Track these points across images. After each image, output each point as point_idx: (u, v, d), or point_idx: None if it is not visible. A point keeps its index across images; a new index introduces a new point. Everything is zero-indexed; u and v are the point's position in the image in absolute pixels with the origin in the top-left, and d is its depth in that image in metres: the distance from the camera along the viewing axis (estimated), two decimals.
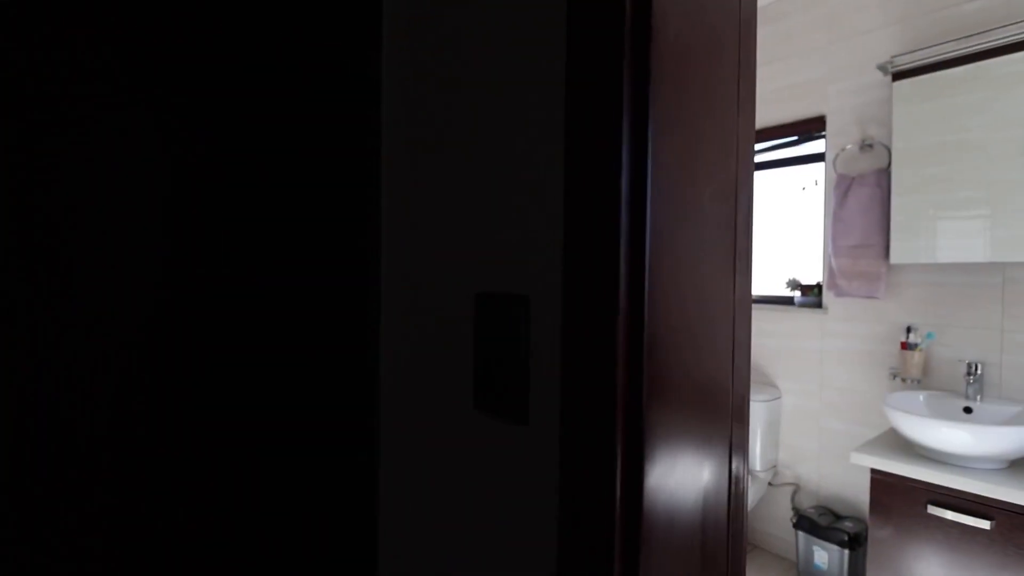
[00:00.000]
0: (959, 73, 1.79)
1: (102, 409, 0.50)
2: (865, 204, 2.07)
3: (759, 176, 2.74)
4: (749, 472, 2.32)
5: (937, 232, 1.86)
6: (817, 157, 2.38)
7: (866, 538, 1.85)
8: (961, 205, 1.81)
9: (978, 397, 1.81)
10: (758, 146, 2.66)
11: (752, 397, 2.38)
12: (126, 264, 0.52)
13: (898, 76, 1.94)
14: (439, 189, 0.59)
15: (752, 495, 2.31)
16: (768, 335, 2.51)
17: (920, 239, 1.90)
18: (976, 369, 1.81)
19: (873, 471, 1.76)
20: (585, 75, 0.42)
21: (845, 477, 2.26)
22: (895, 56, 1.93)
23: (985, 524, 1.52)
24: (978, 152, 1.77)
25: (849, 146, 2.18)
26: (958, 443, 1.58)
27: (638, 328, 0.40)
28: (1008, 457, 1.57)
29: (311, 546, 0.62)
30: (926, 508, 1.64)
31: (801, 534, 2.19)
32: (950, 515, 1.58)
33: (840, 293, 2.17)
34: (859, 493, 2.20)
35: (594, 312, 0.41)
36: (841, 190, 2.15)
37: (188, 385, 0.54)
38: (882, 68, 1.96)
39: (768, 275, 2.71)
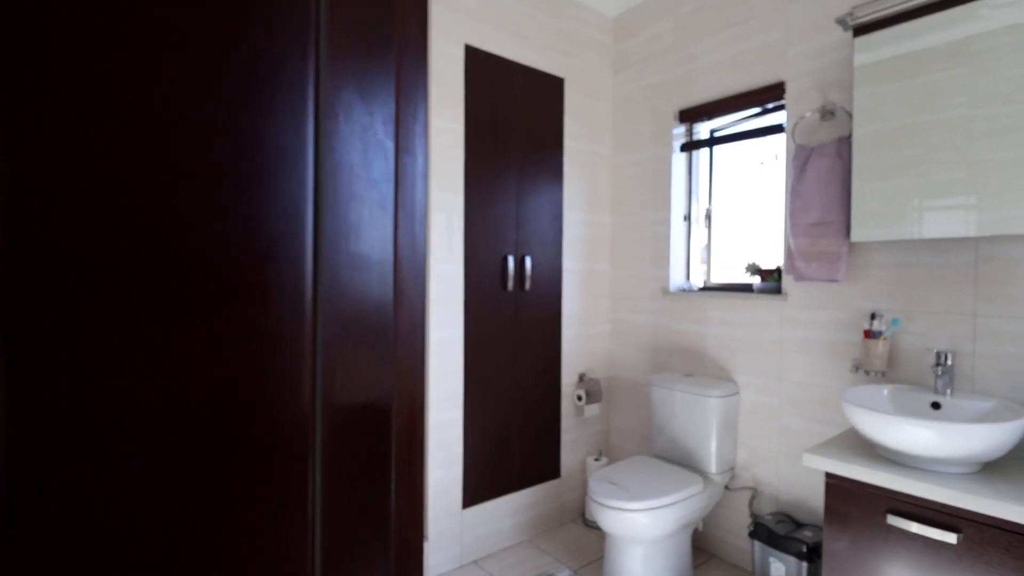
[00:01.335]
0: (920, 26, 1.58)
1: None
2: (824, 177, 1.86)
3: (719, 152, 2.53)
4: (704, 475, 2.10)
5: (901, 205, 1.65)
6: (778, 129, 2.17)
7: None
8: (925, 168, 1.60)
9: (948, 391, 1.60)
10: (719, 121, 2.45)
11: (706, 392, 2.16)
12: None
13: (859, 31, 1.73)
14: None
15: (707, 500, 2.09)
16: (725, 325, 2.29)
17: (882, 213, 1.69)
18: (946, 359, 1.60)
19: (828, 475, 1.54)
20: None
21: (805, 480, 2.05)
22: (855, 7, 1.72)
23: (951, 537, 1.31)
24: (943, 111, 1.56)
25: (809, 114, 1.97)
26: (923, 443, 1.37)
27: None
28: (979, 459, 1.36)
29: None
30: (886, 518, 1.43)
31: (757, 544, 1.98)
32: (912, 526, 1.37)
33: (799, 277, 1.96)
34: (820, 498, 1.99)
35: None
36: (800, 162, 1.94)
37: None
38: (841, 22, 1.75)
39: (728, 261, 2.50)
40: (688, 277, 2.58)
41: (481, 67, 2.25)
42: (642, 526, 1.90)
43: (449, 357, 2.19)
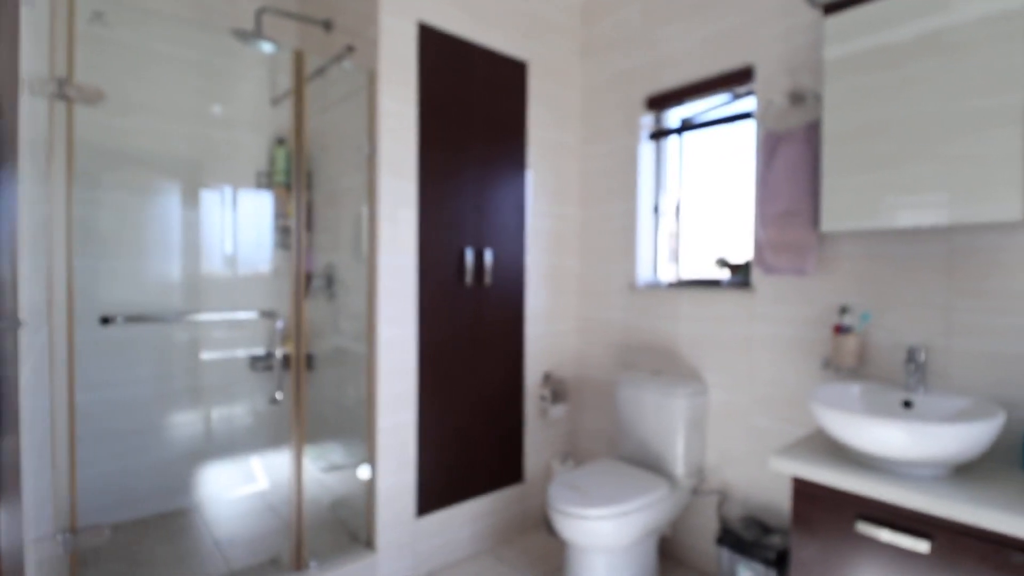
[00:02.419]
0: (893, 7, 1.49)
1: None
2: (793, 164, 1.77)
3: (689, 142, 2.43)
4: (670, 478, 1.99)
5: (873, 199, 1.56)
6: (749, 116, 2.08)
7: None
8: (896, 162, 1.51)
9: (921, 389, 1.51)
10: (689, 109, 2.35)
11: (673, 392, 2.06)
12: None
13: (830, 9, 1.64)
14: None
15: (674, 505, 1.99)
16: (694, 321, 2.19)
17: (853, 204, 1.59)
18: (918, 355, 1.51)
19: (795, 480, 1.45)
20: None
21: (775, 484, 1.96)
22: None
23: (923, 545, 1.22)
24: (916, 104, 1.47)
25: (778, 98, 1.87)
26: (894, 445, 1.27)
27: None
28: (953, 461, 1.27)
29: None
30: (855, 525, 1.33)
31: (725, 551, 1.88)
32: (883, 534, 1.27)
33: (768, 269, 1.87)
34: (790, 502, 1.90)
35: None
36: (768, 149, 1.84)
37: None
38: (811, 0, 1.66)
39: (699, 255, 2.40)
40: (657, 272, 2.48)
41: (436, 47, 2.12)
42: (603, 534, 1.78)
43: (400, 355, 2.06)
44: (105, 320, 1.51)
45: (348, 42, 2.14)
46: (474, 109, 2.26)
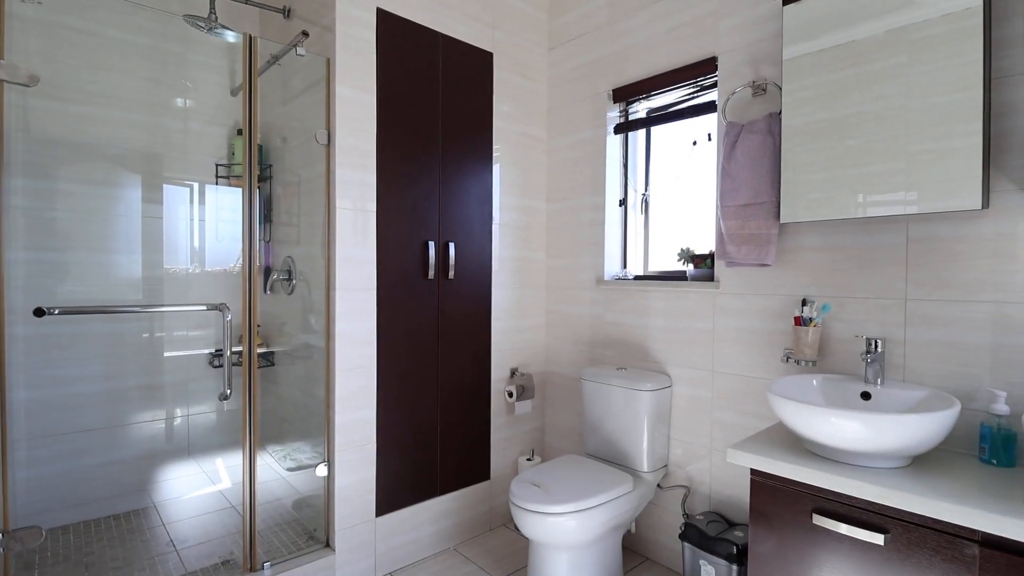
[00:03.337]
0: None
1: None
2: (754, 155, 1.75)
3: (655, 135, 2.41)
4: (635, 473, 1.96)
5: (831, 183, 1.54)
6: (713, 107, 2.06)
7: None
8: (849, 142, 1.49)
9: (878, 380, 1.50)
10: (656, 101, 2.33)
11: (637, 386, 2.03)
12: None
13: None
14: None
15: (638, 500, 1.96)
16: (660, 315, 2.17)
17: (812, 191, 1.58)
18: (876, 347, 1.50)
19: (753, 472, 1.43)
20: None
21: (737, 478, 1.95)
22: None
23: (878, 538, 1.20)
24: (877, 101, 1.46)
25: (740, 89, 1.86)
26: (850, 436, 1.26)
27: None
28: (909, 452, 1.26)
29: None
30: (812, 518, 1.31)
31: (687, 546, 1.86)
32: (843, 528, 1.25)
33: (730, 262, 1.85)
34: None
35: None
36: (730, 140, 1.83)
37: None
38: None
39: (665, 248, 2.38)
40: (625, 265, 2.45)
41: (397, 34, 2.06)
42: (565, 531, 1.75)
43: (359, 350, 2.00)
44: (39, 312, 1.42)
45: (307, 29, 2.08)
46: (438, 99, 2.21)
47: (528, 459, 2.52)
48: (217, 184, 2.62)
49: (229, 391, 1.72)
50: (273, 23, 2.48)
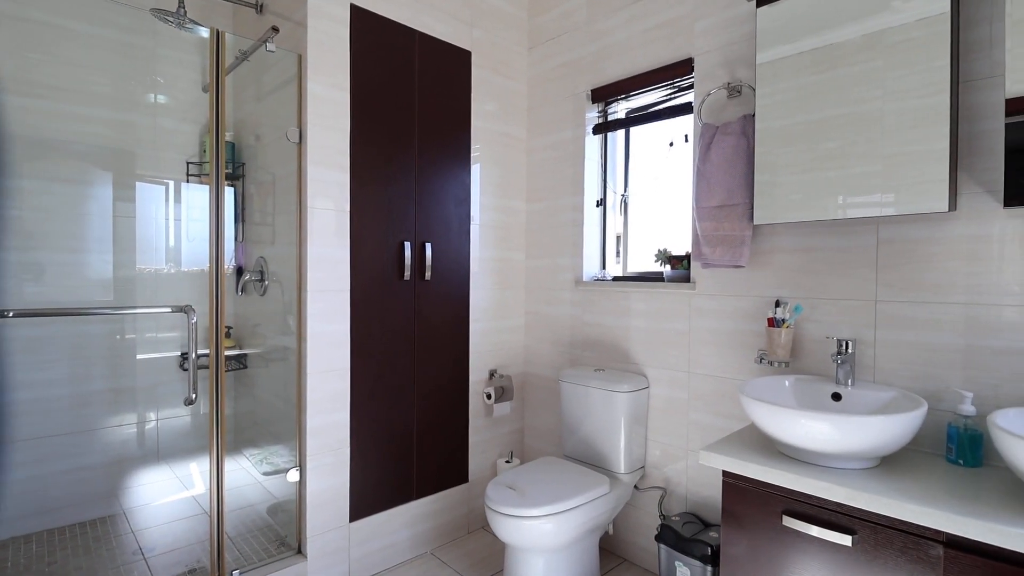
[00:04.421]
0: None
1: None
2: (729, 156, 1.75)
3: (634, 136, 2.40)
4: (612, 475, 1.94)
5: (805, 186, 1.54)
6: (689, 108, 2.06)
7: None
8: (820, 147, 1.50)
9: (849, 381, 1.51)
10: (635, 102, 2.32)
11: (615, 388, 2.03)
12: None
13: (761, 1, 1.62)
14: None
15: (615, 502, 1.96)
16: (637, 316, 2.17)
17: (785, 193, 1.58)
18: (846, 348, 1.51)
19: (725, 474, 1.42)
20: None
21: (713, 480, 1.95)
22: None
23: (846, 539, 1.20)
24: (855, 104, 1.46)
25: (715, 91, 1.86)
26: (821, 438, 1.26)
27: None
28: (878, 453, 1.26)
29: None
30: (782, 519, 1.31)
31: (663, 547, 1.86)
32: (811, 529, 1.26)
33: (705, 263, 1.85)
34: None
35: None
36: (705, 141, 1.82)
37: None
38: None
39: (644, 249, 2.38)
40: (604, 266, 2.45)
41: (371, 31, 2.04)
42: (540, 534, 1.74)
43: (332, 352, 1.97)
44: None
45: (279, 25, 2.04)
46: (414, 98, 2.18)
47: (507, 461, 2.50)
48: (188, 182, 2.56)
49: (195, 395, 1.68)
50: (247, 19, 2.43)
